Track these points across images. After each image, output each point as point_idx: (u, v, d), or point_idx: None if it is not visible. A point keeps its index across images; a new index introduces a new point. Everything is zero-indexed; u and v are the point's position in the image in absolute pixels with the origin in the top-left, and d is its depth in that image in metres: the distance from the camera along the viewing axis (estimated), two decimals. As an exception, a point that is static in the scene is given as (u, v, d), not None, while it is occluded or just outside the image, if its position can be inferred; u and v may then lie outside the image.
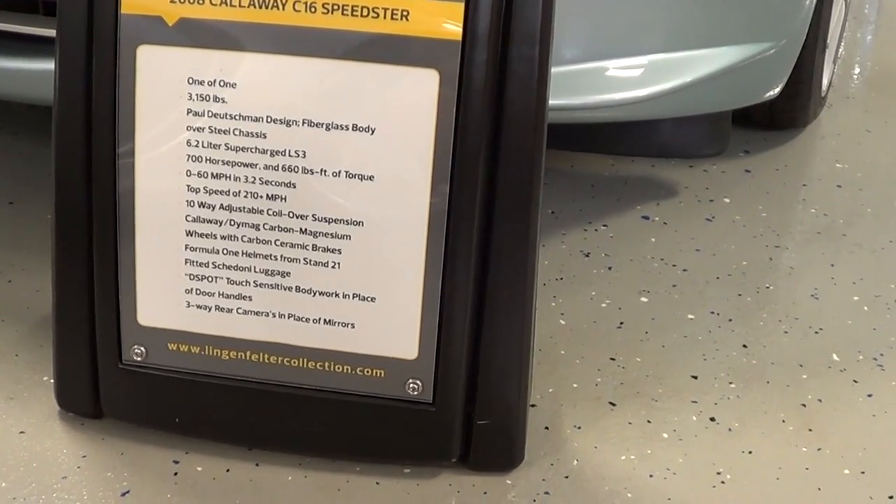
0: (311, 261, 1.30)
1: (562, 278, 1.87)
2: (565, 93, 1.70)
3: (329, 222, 1.29)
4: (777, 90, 2.12)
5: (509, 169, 1.28)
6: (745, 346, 1.71)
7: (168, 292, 1.34)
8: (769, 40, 1.98)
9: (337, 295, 1.31)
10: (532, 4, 1.23)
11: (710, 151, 2.16)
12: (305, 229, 1.29)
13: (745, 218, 2.14)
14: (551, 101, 1.32)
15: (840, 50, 2.91)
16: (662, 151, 2.15)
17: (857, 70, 3.21)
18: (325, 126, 1.25)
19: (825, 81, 2.58)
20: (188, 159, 1.29)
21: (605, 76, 1.77)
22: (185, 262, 1.33)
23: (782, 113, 2.46)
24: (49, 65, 1.64)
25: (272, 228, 1.30)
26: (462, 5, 1.21)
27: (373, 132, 1.25)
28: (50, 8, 1.73)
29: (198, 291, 1.33)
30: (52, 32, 1.68)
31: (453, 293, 1.30)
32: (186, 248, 1.32)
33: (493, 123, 1.26)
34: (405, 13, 1.21)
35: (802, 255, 2.03)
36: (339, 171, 1.27)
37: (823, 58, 2.41)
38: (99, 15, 1.28)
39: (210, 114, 1.27)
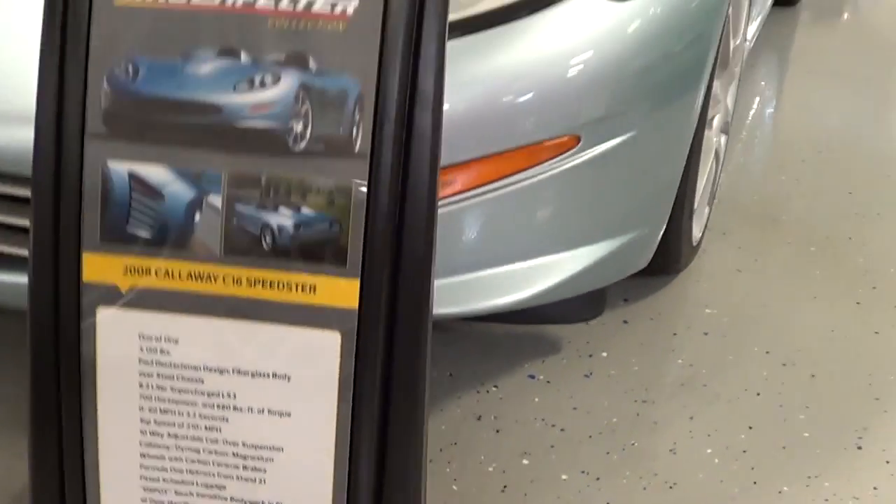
0: (241, 477, 1.62)
1: (456, 443, 2.18)
2: (453, 303, 2.00)
3: (256, 448, 1.60)
4: (644, 264, 2.44)
5: (400, 381, 1.59)
6: (608, 504, 2.03)
7: (126, 501, 1.65)
8: (634, 230, 2.30)
9: (264, 503, 1.63)
10: (418, 286, 1.55)
11: (588, 317, 2.45)
12: (237, 453, 1.60)
13: (619, 372, 2.44)
14: (443, 311, 1.64)
15: (717, 192, 3.16)
16: (544, 320, 2.44)
17: (737, 201, 3.36)
18: (250, 374, 1.57)
19: (697, 234, 2.86)
20: (140, 398, 1.60)
21: (491, 284, 2.07)
22: (140, 478, 1.63)
23: (656, 264, 2.75)
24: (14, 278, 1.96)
25: (210, 452, 1.61)
26: (357, 282, 1.53)
27: (289, 379, 1.57)
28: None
29: (151, 501, 1.64)
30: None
31: (356, 495, 1.62)
32: (141, 466, 1.63)
33: (386, 355, 1.57)
34: (313, 287, 1.53)
35: (666, 409, 2.33)
36: (263, 409, 1.58)
37: (691, 222, 2.71)
38: (64, 282, 1.57)
39: (157, 363, 1.58)
